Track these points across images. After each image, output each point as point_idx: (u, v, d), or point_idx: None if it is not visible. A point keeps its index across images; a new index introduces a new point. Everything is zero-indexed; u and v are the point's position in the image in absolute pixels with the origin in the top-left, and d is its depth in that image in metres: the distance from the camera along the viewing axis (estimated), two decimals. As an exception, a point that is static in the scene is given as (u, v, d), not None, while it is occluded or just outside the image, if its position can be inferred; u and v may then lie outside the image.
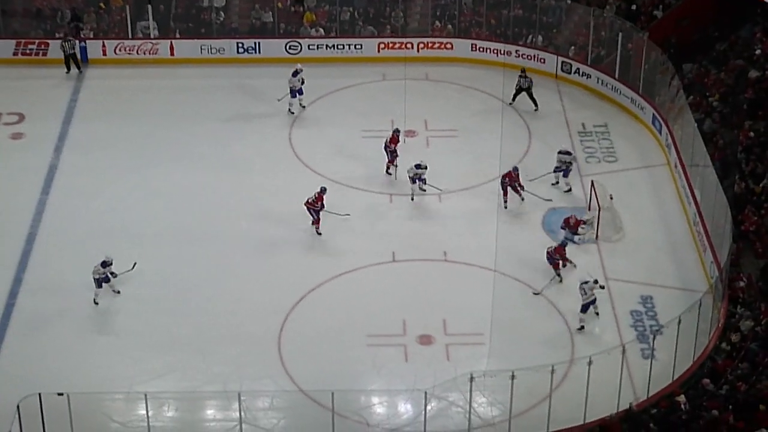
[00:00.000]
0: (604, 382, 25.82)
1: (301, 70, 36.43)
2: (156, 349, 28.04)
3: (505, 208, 32.47)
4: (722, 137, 33.77)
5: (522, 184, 32.59)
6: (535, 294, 29.45)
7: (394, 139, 33.78)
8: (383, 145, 33.86)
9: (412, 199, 32.71)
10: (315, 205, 31.35)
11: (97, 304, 29.11)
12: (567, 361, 26.99)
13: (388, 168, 33.86)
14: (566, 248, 30.00)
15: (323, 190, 31.41)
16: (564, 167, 33.16)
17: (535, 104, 36.87)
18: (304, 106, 36.85)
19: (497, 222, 31.21)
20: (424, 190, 32.73)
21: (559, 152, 33.28)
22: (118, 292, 29.41)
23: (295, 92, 36.47)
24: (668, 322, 27.04)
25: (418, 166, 32.61)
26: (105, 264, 29.16)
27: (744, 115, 34.14)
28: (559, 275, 29.77)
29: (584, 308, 28.65)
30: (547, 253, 29.91)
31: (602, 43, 38.47)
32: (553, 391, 25.66)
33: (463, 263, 30.52)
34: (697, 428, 24.90)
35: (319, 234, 31.30)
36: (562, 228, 31.41)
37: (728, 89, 35.47)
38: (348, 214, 31.67)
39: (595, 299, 28.68)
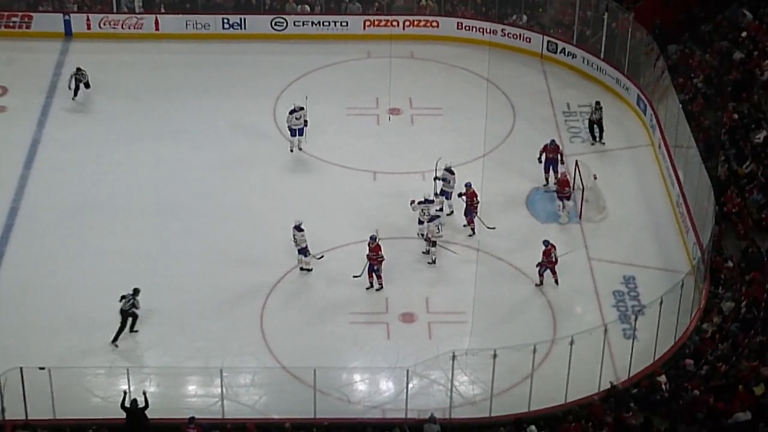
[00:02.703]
0: (586, 361, 25.87)
1: (301, 109, 33.36)
2: (138, 323, 27.90)
3: (546, 184, 32.49)
4: (706, 118, 33.79)
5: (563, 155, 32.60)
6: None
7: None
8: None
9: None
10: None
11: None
12: (549, 341, 27.02)
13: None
14: (550, 248, 29.20)
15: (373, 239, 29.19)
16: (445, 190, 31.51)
17: (601, 136, 34.73)
18: (300, 149, 33.64)
19: (481, 200, 31.14)
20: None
21: (445, 170, 31.51)
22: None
23: (294, 131, 33.52)
24: (650, 302, 27.10)
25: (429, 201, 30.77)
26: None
27: (728, 96, 34.13)
28: (556, 280, 29.22)
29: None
30: (540, 265, 29.15)
31: (588, 22, 38.39)
32: (534, 370, 25.72)
33: (446, 242, 30.45)
34: (677, 408, 24.99)
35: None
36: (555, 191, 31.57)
37: (713, 70, 35.44)
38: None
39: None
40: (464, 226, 30.70)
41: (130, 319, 27.58)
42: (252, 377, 26.66)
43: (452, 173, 31.37)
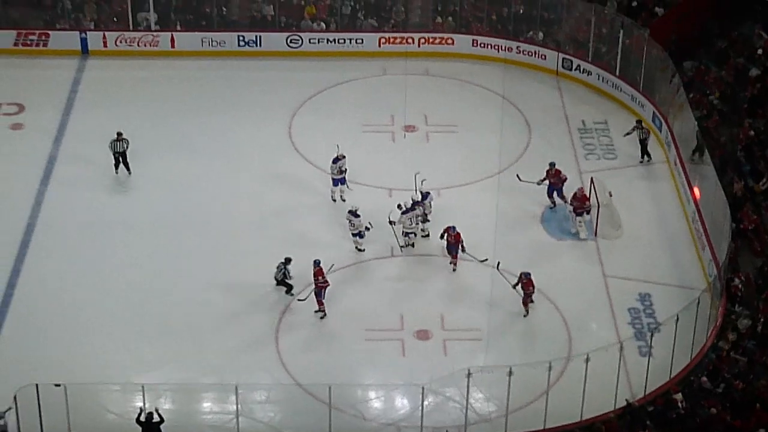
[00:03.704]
0: (602, 378, 25.80)
1: (343, 157, 32.63)
2: (153, 339, 28.03)
3: (553, 206, 32.35)
4: (722, 135, 33.74)
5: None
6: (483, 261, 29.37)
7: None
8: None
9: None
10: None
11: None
12: (564, 358, 26.99)
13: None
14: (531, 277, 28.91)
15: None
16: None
17: (647, 156, 34.60)
18: (344, 200, 32.58)
19: (496, 217, 31.14)
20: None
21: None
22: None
23: (337, 181, 32.64)
24: (666, 319, 27.02)
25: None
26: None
27: (744, 113, 34.09)
28: (526, 310, 28.90)
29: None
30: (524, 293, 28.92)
31: (603, 39, 38.40)
32: (550, 387, 25.65)
33: (461, 259, 30.44)
34: (693, 426, 24.90)
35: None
36: (570, 203, 31.42)
37: (728, 87, 35.40)
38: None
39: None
40: (450, 263, 30.32)
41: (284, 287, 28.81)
42: (267, 394, 26.65)
43: (426, 197, 31.27)
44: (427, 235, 31.08)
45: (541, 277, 29.67)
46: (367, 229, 30.34)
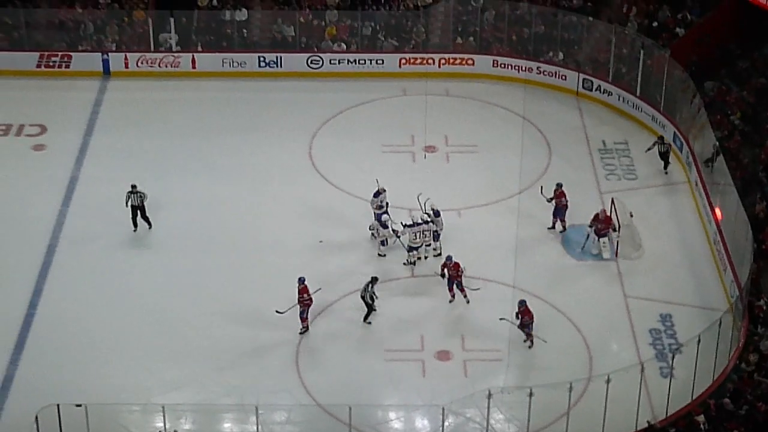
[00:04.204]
0: (623, 400, 25.72)
1: (384, 191, 31.94)
2: (173, 360, 28.09)
3: (551, 227, 32.33)
4: (744, 155, 33.66)
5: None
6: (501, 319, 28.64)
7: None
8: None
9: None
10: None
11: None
12: (585, 379, 26.90)
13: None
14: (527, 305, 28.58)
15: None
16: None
17: (665, 166, 34.97)
18: (397, 237, 31.47)
19: (516, 238, 31.15)
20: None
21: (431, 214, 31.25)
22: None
23: (379, 216, 31.73)
24: (687, 340, 26.92)
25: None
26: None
27: (766, 133, 34.00)
28: (530, 340, 28.52)
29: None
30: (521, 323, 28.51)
31: (623, 60, 38.42)
32: (571, 408, 25.57)
33: (481, 279, 30.44)
34: (715, 448, 24.79)
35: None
36: (590, 226, 31.32)
37: (750, 107, 35.34)
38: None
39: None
40: (450, 302, 29.96)
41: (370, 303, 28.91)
42: (287, 414, 26.65)
43: (438, 215, 31.27)
44: (439, 254, 31.08)
45: (561, 297, 29.68)
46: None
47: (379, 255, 31.26)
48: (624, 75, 38.32)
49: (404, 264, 31.01)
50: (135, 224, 32.10)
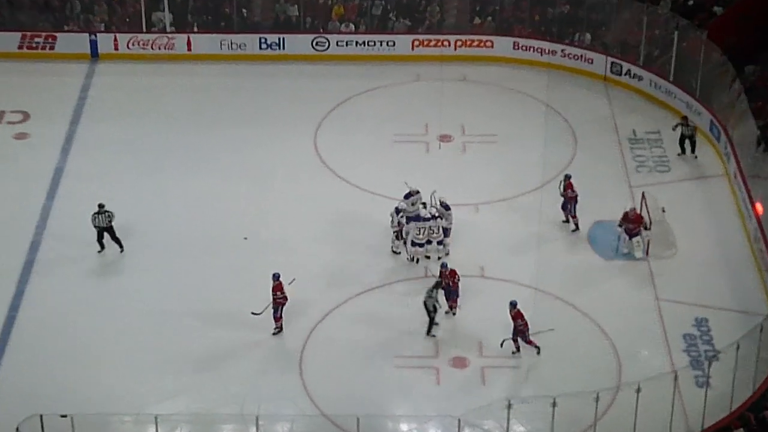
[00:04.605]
0: (654, 411, 25.77)
1: (417, 192, 31.50)
2: (167, 366, 28.19)
3: (566, 220, 32.46)
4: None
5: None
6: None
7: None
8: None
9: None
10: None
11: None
12: (613, 388, 26.95)
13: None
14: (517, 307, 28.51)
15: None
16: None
17: (693, 149, 35.27)
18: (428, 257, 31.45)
19: (538, 235, 31.20)
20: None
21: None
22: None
23: (410, 219, 31.28)
24: (725, 347, 26.93)
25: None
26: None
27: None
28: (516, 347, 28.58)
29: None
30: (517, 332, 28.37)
31: (656, 42, 38.44)
32: (597, 419, 25.64)
33: (500, 279, 30.54)
34: (755, 463, 24.84)
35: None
36: (619, 225, 31.36)
37: (794, 94, 35.41)
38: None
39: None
40: (446, 312, 29.71)
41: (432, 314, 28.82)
42: (290, 425, 26.73)
43: (448, 209, 31.33)
44: (448, 253, 31.18)
45: (587, 300, 29.75)
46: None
47: (393, 252, 31.41)
48: (656, 58, 38.35)
49: (407, 260, 31.15)
50: (101, 245, 31.41)
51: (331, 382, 27.88)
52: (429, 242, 31.03)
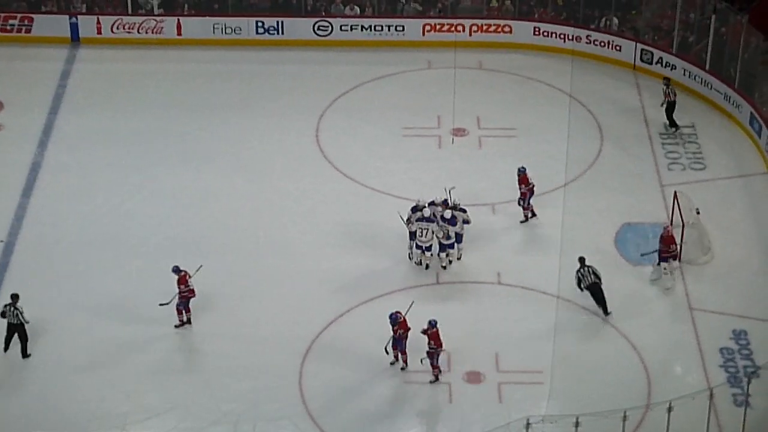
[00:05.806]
0: (687, 432, 25.84)
1: (423, 207, 31.15)
2: (154, 381, 28.21)
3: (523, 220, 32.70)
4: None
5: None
6: None
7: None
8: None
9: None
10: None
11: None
12: (642, 406, 26.99)
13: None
14: None
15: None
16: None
17: (674, 125, 35.90)
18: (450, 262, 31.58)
19: (561, 238, 31.22)
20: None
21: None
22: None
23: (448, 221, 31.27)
24: (766, 362, 26.96)
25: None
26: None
27: None
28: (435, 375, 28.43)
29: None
30: None
31: (691, 27, 38.46)
32: (625, 441, 25.69)
33: (519, 287, 30.57)
34: (798, 490, 24.82)
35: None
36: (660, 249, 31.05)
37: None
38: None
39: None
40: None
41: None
42: (289, 446, 26.90)
43: (464, 212, 31.38)
44: (459, 258, 31.27)
45: (615, 309, 29.73)
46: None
47: (409, 257, 31.44)
48: (691, 45, 38.36)
49: (409, 258, 31.23)
50: (7, 345, 28.73)
51: (333, 399, 27.89)
52: (429, 248, 31.00)
